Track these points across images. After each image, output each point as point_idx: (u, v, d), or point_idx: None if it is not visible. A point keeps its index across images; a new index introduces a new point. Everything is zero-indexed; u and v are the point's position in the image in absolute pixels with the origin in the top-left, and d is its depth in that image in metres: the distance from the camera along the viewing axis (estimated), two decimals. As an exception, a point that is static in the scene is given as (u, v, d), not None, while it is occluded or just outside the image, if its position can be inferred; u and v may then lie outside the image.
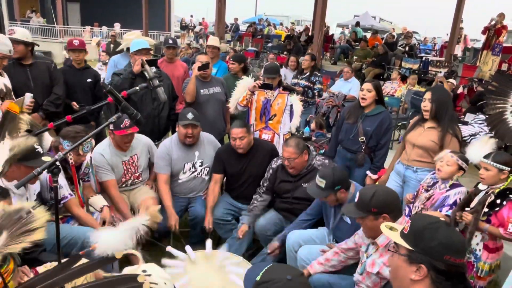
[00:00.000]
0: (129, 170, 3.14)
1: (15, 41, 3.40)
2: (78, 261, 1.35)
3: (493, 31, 8.65)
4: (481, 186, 2.43)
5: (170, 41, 4.51)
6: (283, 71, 6.88)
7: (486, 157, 2.38)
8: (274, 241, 2.80)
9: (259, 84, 3.56)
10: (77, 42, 3.99)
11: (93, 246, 1.41)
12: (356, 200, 2.03)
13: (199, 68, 3.67)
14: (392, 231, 1.42)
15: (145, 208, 2.89)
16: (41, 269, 1.93)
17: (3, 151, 1.50)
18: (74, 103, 3.83)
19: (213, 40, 4.95)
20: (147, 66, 3.00)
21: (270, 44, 14.51)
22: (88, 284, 1.24)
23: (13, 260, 1.18)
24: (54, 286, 1.19)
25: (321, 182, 2.46)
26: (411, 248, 1.29)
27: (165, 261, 2.32)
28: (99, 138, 3.20)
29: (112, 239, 1.41)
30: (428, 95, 2.84)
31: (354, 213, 2.01)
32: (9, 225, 1.18)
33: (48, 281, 1.21)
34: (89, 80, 4.06)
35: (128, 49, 4.10)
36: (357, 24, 15.83)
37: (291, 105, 3.67)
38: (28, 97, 3.00)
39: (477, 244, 2.38)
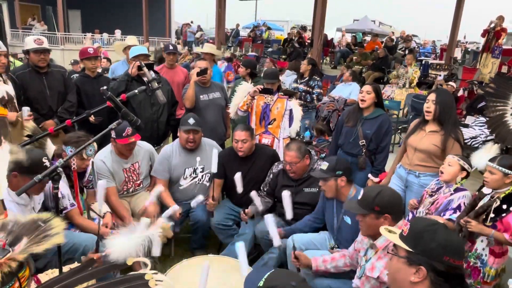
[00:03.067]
0: (131, 178, 3.14)
1: (46, 50, 3.50)
2: (92, 265, 1.39)
3: (493, 33, 8.67)
4: (485, 190, 2.41)
5: (171, 47, 4.55)
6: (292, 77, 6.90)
7: (491, 160, 2.37)
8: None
9: (260, 89, 3.57)
10: (91, 50, 3.93)
11: (107, 251, 1.44)
12: (359, 197, 2.02)
13: (198, 74, 3.69)
14: (391, 234, 1.43)
15: (146, 212, 2.90)
16: (42, 276, 1.93)
17: (4, 156, 1.52)
18: (92, 117, 3.64)
19: (209, 48, 5.20)
20: (145, 69, 3.02)
21: (270, 49, 14.56)
22: (98, 284, 1.27)
23: (29, 268, 1.21)
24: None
25: (324, 165, 2.55)
26: (410, 250, 1.30)
27: None
28: (103, 143, 3.21)
29: (124, 246, 1.43)
30: (432, 97, 2.82)
31: (356, 210, 1.99)
32: (28, 232, 1.22)
33: (63, 282, 1.25)
34: (105, 87, 4.05)
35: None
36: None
37: (291, 110, 3.68)
38: (26, 111, 3.03)
39: (483, 249, 2.37)
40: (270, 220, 2.15)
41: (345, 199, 2.54)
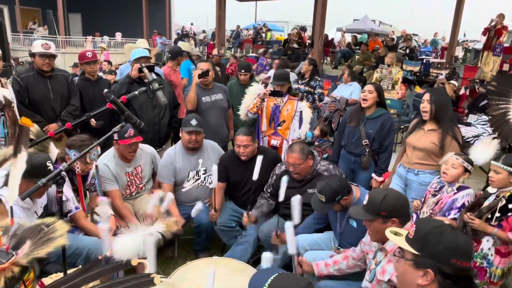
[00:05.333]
0: (133, 182, 3.15)
1: (52, 56, 3.52)
2: (97, 265, 1.39)
3: (494, 31, 8.64)
4: (490, 189, 2.40)
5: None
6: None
7: (496, 159, 2.35)
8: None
9: (270, 91, 3.57)
10: (90, 54, 3.93)
11: (110, 251, 1.44)
12: (365, 202, 2.00)
13: (199, 76, 3.68)
14: (397, 236, 1.41)
15: (150, 216, 2.90)
16: (47, 280, 1.93)
17: (21, 163, 1.53)
18: (92, 120, 3.63)
19: (183, 46, 5.89)
20: (145, 70, 3.02)
21: (271, 50, 14.55)
22: (103, 284, 1.27)
23: (33, 271, 1.21)
24: None
25: (321, 197, 2.46)
26: (417, 253, 1.28)
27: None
28: (105, 146, 3.22)
29: (128, 245, 1.43)
30: (426, 96, 2.85)
31: (362, 216, 1.97)
32: (31, 236, 1.22)
33: (68, 283, 1.25)
34: (106, 90, 4.05)
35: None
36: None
37: (301, 112, 3.67)
38: None
39: (489, 249, 2.35)
40: (289, 227, 2.13)
41: (350, 205, 2.52)
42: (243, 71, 4.42)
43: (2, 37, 4.71)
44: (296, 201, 2.27)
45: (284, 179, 2.56)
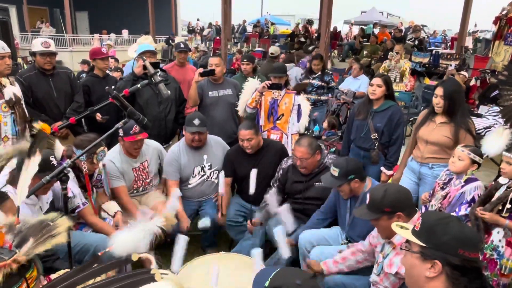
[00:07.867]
0: (140, 176, 3.15)
1: (52, 53, 3.52)
2: (97, 262, 1.39)
3: (505, 20, 8.45)
4: (502, 180, 2.36)
5: (182, 45, 4.58)
6: (295, 70, 6.86)
7: (508, 150, 2.32)
8: (289, 238, 2.77)
9: (268, 85, 3.53)
10: (105, 50, 3.93)
11: (109, 247, 1.44)
12: (367, 201, 1.99)
13: (201, 74, 3.65)
14: (403, 229, 1.39)
15: (156, 211, 2.91)
16: (54, 276, 1.93)
17: (33, 166, 1.54)
18: (98, 114, 3.61)
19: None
20: (147, 63, 3.01)
21: (277, 44, 14.48)
22: (105, 279, 1.26)
23: (36, 268, 1.21)
24: (74, 286, 1.23)
25: (334, 171, 2.45)
26: (423, 245, 1.27)
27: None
28: (112, 143, 3.22)
29: (128, 240, 1.42)
30: (439, 91, 2.76)
31: (367, 216, 1.96)
32: (34, 233, 1.22)
33: (68, 281, 1.25)
34: (113, 87, 4.07)
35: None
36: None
37: (299, 105, 3.63)
38: None
39: (500, 240, 2.31)
40: (280, 232, 2.11)
41: (360, 194, 2.50)
42: (245, 60, 4.47)
43: (8, 36, 4.73)
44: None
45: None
